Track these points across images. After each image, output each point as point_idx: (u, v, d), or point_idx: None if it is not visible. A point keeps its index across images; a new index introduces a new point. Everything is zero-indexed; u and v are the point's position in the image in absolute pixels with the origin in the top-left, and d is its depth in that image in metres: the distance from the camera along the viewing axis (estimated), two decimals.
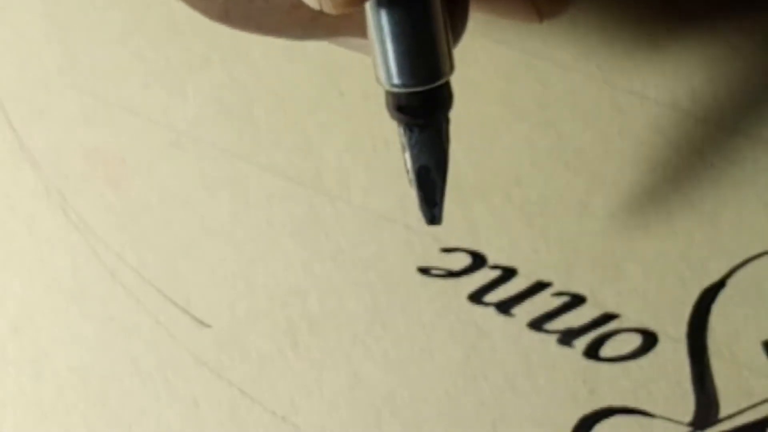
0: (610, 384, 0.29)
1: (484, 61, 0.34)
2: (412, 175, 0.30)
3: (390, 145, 0.33)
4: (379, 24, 0.28)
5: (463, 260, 0.31)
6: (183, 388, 0.30)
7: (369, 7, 0.27)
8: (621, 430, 0.29)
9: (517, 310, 0.30)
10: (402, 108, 0.30)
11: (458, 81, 0.32)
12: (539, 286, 0.31)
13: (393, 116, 0.30)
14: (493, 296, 0.30)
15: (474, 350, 0.30)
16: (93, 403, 0.30)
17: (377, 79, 0.29)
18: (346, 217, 0.32)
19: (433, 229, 0.32)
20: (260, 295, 0.31)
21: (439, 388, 0.29)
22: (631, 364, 0.30)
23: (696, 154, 0.32)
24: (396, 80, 0.30)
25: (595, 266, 0.31)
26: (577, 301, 0.30)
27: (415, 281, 0.31)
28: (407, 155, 0.30)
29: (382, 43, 0.29)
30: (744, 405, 0.29)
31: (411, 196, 0.33)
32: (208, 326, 0.31)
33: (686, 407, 0.29)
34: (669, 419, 0.29)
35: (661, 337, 0.30)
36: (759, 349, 0.30)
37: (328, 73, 0.34)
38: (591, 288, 0.30)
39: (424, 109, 0.31)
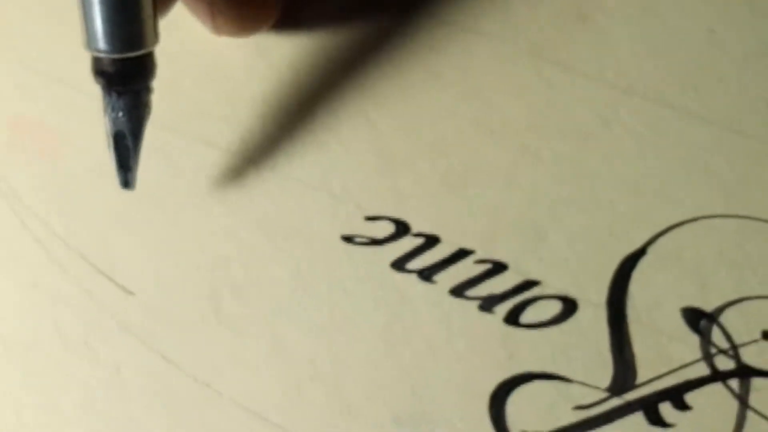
0: (530, 350, 0.30)
1: (409, 33, 0.34)
2: (109, 139, 0.34)
3: (316, 115, 0.34)
4: None
5: (386, 228, 0.32)
6: (106, 354, 0.31)
7: None
8: (539, 395, 0.30)
9: (439, 277, 0.31)
10: (103, 72, 0.33)
11: (383, 52, 0.33)
12: (462, 254, 0.32)
13: (95, 79, 0.33)
14: (416, 263, 0.31)
15: (395, 317, 0.31)
16: (15, 368, 0.31)
17: (83, 43, 0.32)
18: (271, 185, 0.33)
19: (358, 197, 0.33)
20: (185, 263, 0.32)
21: (360, 354, 0.30)
22: (551, 330, 0.31)
23: (620, 125, 0.33)
24: (99, 45, 0.32)
25: (517, 234, 0.32)
26: (499, 268, 0.31)
27: (339, 249, 0.32)
28: (106, 119, 0.33)
29: (89, 6, 0.32)
30: (661, 371, 0.30)
31: (336, 164, 0.33)
32: (132, 294, 0.31)
33: (604, 373, 0.30)
34: (587, 384, 0.30)
35: (582, 304, 0.30)
36: (677, 316, 0.31)
37: (257, 44, 0.34)
38: (513, 256, 0.31)
39: (123, 76, 0.33)
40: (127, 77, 0.33)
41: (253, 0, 0.36)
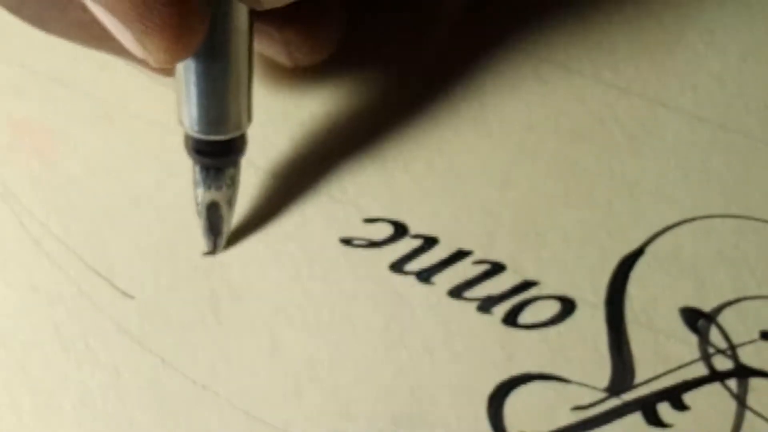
0: (528, 350, 0.30)
1: (408, 33, 0.34)
2: (201, 208, 0.36)
3: (315, 119, 0.34)
4: (186, 76, 0.33)
5: (385, 230, 0.32)
6: (105, 356, 0.31)
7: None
8: (537, 395, 0.30)
9: (437, 278, 0.31)
10: (200, 151, 0.35)
11: (381, 54, 0.34)
12: (460, 255, 0.32)
13: (190, 156, 0.35)
14: (414, 265, 0.32)
15: (394, 318, 0.31)
16: (14, 371, 0.31)
17: (180, 121, 0.34)
18: (270, 187, 0.33)
19: (356, 199, 0.33)
20: (183, 265, 0.31)
21: (358, 356, 0.31)
22: (549, 331, 0.31)
23: (617, 125, 0.33)
24: (197, 127, 0.34)
25: (515, 235, 0.32)
26: (497, 268, 0.32)
27: (337, 251, 0.32)
28: (199, 191, 0.35)
29: (188, 93, 0.34)
30: (660, 371, 0.30)
31: (334, 166, 0.33)
32: (131, 297, 0.31)
33: (603, 373, 0.30)
34: (585, 385, 0.30)
35: (580, 304, 0.31)
36: (675, 316, 0.31)
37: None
38: (511, 256, 0.32)
39: (218, 155, 0.35)
40: (221, 155, 0.35)
41: (323, 29, 0.36)
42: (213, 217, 0.36)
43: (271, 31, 0.36)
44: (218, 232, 0.36)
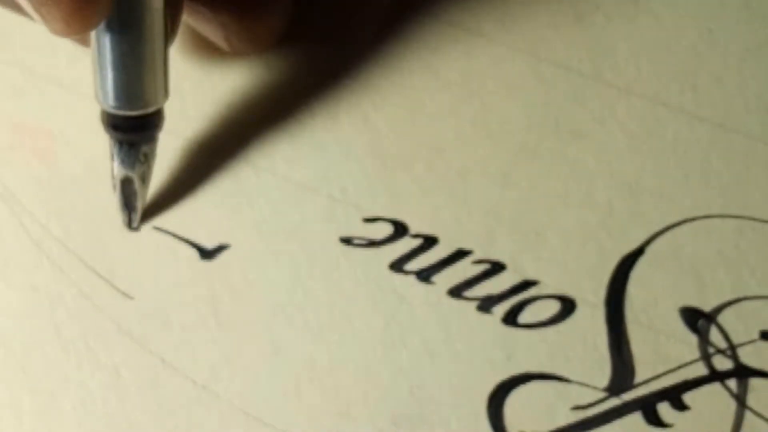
0: (528, 350, 0.30)
1: (408, 33, 0.34)
2: (116, 183, 0.36)
3: (315, 117, 0.34)
4: (100, 49, 0.33)
5: (385, 229, 0.32)
6: (105, 356, 0.31)
7: (93, 33, 0.33)
8: (537, 395, 0.30)
9: (437, 277, 0.31)
10: (114, 126, 0.35)
11: (381, 53, 0.34)
12: (460, 254, 0.32)
13: (106, 131, 0.35)
14: (414, 264, 0.32)
15: (393, 318, 0.31)
16: (15, 371, 0.31)
17: (95, 97, 0.34)
18: (270, 186, 0.33)
19: (356, 199, 0.33)
20: (183, 266, 0.31)
21: (358, 356, 0.31)
22: (549, 330, 0.31)
23: (617, 125, 0.33)
24: (112, 103, 0.34)
25: (515, 234, 0.32)
26: (497, 268, 0.31)
27: (337, 250, 0.32)
28: (114, 164, 0.36)
29: (102, 67, 0.34)
30: (660, 370, 0.30)
31: (334, 166, 0.33)
32: (131, 297, 0.31)
33: (603, 373, 0.30)
34: (585, 384, 0.30)
35: (580, 304, 0.31)
36: (675, 316, 0.31)
37: None
38: (511, 256, 0.32)
39: (134, 130, 0.35)
40: (137, 131, 0.35)
41: (263, 19, 0.36)
42: (127, 192, 0.36)
43: (204, 11, 0.36)
44: (132, 207, 0.36)
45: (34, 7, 0.29)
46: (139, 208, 0.37)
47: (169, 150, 0.38)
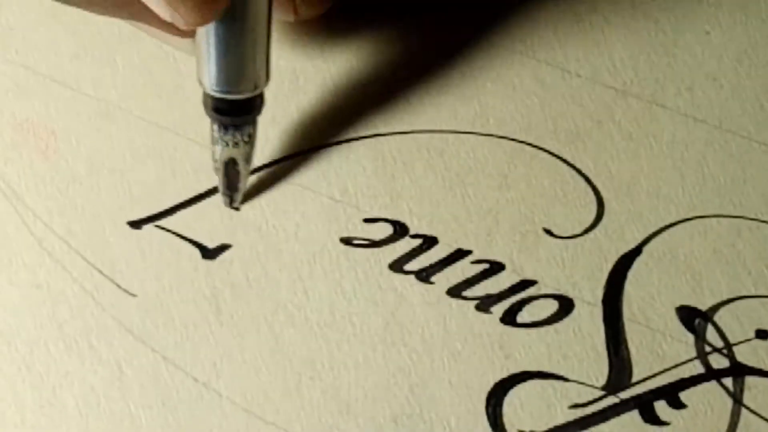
0: (526, 349, 0.31)
1: (409, 36, 0.35)
2: (219, 165, 0.36)
3: (316, 120, 0.34)
4: (206, 36, 0.34)
5: (385, 230, 0.32)
6: (107, 353, 0.31)
7: None
8: (535, 393, 0.30)
9: (436, 277, 0.32)
10: (218, 110, 0.36)
11: (385, 56, 0.34)
12: (459, 254, 0.32)
13: (209, 114, 0.36)
14: (414, 264, 0.32)
15: (394, 317, 0.31)
16: (18, 368, 0.31)
17: (199, 81, 0.35)
18: (271, 187, 0.33)
19: (357, 199, 0.33)
20: (185, 264, 0.31)
21: (358, 354, 0.31)
22: (547, 330, 0.31)
23: (615, 126, 0.33)
24: (216, 87, 0.35)
25: (514, 234, 0.32)
26: (496, 268, 0.32)
27: (338, 250, 0.32)
28: (218, 148, 0.36)
29: (208, 52, 0.34)
30: (656, 369, 0.30)
31: (335, 167, 0.33)
32: (134, 295, 0.31)
33: (600, 371, 0.30)
34: (583, 383, 0.30)
35: (578, 303, 0.31)
36: (672, 315, 0.31)
37: None
38: (510, 256, 0.32)
39: (237, 114, 0.36)
40: (239, 114, 0.36)
41: None
42: (230, 174, 0.37)
43: None
44: (235, 188, 0.37)
45: (167, 1, 0.31)
46: (241, 189, 0.37)
47: (174, 149, 0.38)
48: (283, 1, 0.37)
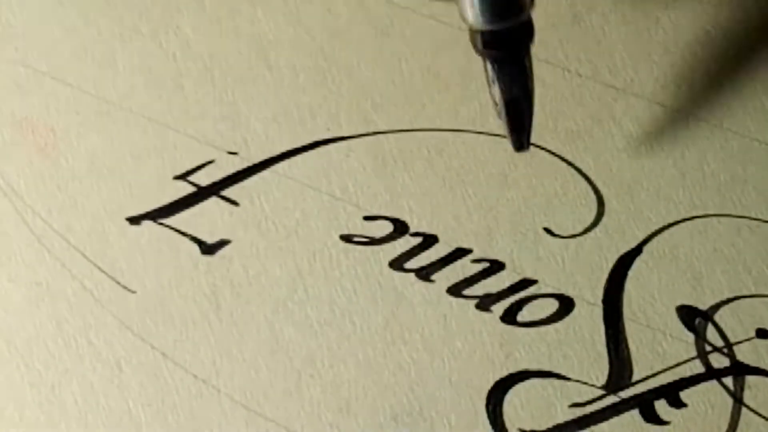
0: (526, 348, 0.30)
1: (410, 34, 0.34)
2: (501, 107, 0.34)
3: (316, 116, 0.34)
4: None
5: (385, 228, 0.32)
6: (106, 351, 0.31)
7: None
8: (536, 393, 0.30)
9: (437, 276, 0.31)
10: (489, 44, 0.33)
11: (385, 53, 0.33)
12: (459, 253, 0.32)
13: (480, 53, 0.34)
14: (414, 263, 0.32)
15: (393, 316, 0.31)
16: (17, 365, 0.30)
17: (463, 20, 0.33)
18: (271, 184, 0.32)
19: (357, 197, 0.33)
20: (185, 261, 0.31)
21: (358, 353, 0.31)
22: (548, 329, 0.31)
23: (615, 125, 0.33)
24: (483, 19, 0.33)
25: (514, 233, 0.32)
26: (496, 267, 0.31)
27: (338, 248, 0.32)
28: (496, 89, 0.34)
29: None
30: (657, 368, 0.30)
31: (335, 164, 0.33)
32: (133, 292, 0.31)
33: (600, 370, 0.30)
34: (583, 382, 0.30)
35: (578, 302, 0.31)
36: (673, 314, 0.31)
37: (257, 45, 0.34)
38: (510, 254, 0.32)
39: (509, 45, 0.33)
40: (512, 46, 0.33)
41: None
42: (514, 113, 0.34)
43: None
44: (522, 127, 0.35)
45: None
46: (527, 128, 0.35)
47: (174, 148, 0.38)
48: None
